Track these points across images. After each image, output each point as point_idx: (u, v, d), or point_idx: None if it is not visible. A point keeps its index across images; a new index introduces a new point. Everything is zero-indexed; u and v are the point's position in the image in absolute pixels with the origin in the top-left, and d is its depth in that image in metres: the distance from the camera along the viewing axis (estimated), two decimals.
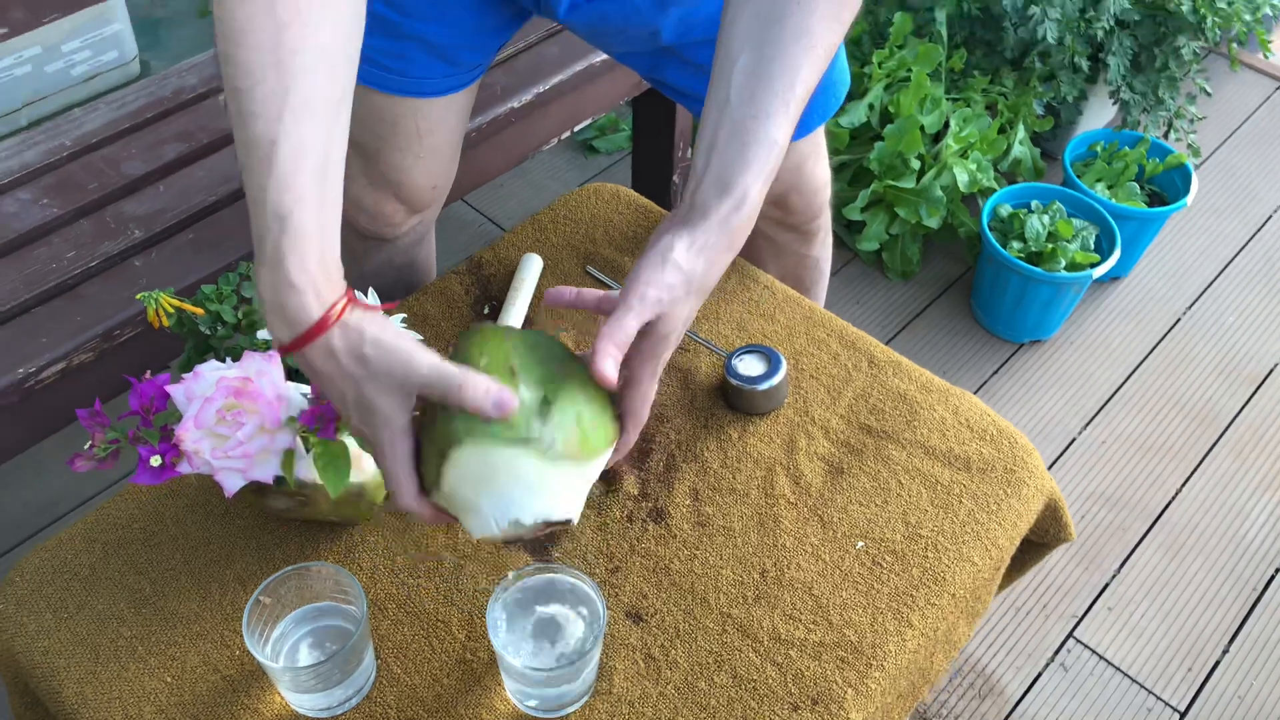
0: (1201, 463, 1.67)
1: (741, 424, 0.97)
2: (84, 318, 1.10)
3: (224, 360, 0.74)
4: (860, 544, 0.89)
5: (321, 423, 0.68)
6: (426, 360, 0.62)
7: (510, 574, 0.77)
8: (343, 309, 0.62)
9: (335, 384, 0.63)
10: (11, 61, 1.52)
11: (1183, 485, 1.64)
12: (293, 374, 0.76)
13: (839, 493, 0.92)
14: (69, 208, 1.21)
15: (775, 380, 0.95)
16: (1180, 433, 1.71)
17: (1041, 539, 1.02)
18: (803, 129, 1.06)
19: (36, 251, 1.16)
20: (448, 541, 0.88)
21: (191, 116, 1.34)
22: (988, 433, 0.97)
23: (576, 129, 1.55)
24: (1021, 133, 1.90)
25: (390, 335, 0.63)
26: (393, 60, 0.99)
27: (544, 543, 0.88)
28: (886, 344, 1.83)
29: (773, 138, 0.68)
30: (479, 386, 0.62)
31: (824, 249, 1.32)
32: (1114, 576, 1.53)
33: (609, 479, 0.93)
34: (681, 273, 0.67)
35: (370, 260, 1.19)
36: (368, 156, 1.06)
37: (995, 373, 1.79)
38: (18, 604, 0.85)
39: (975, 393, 1.75)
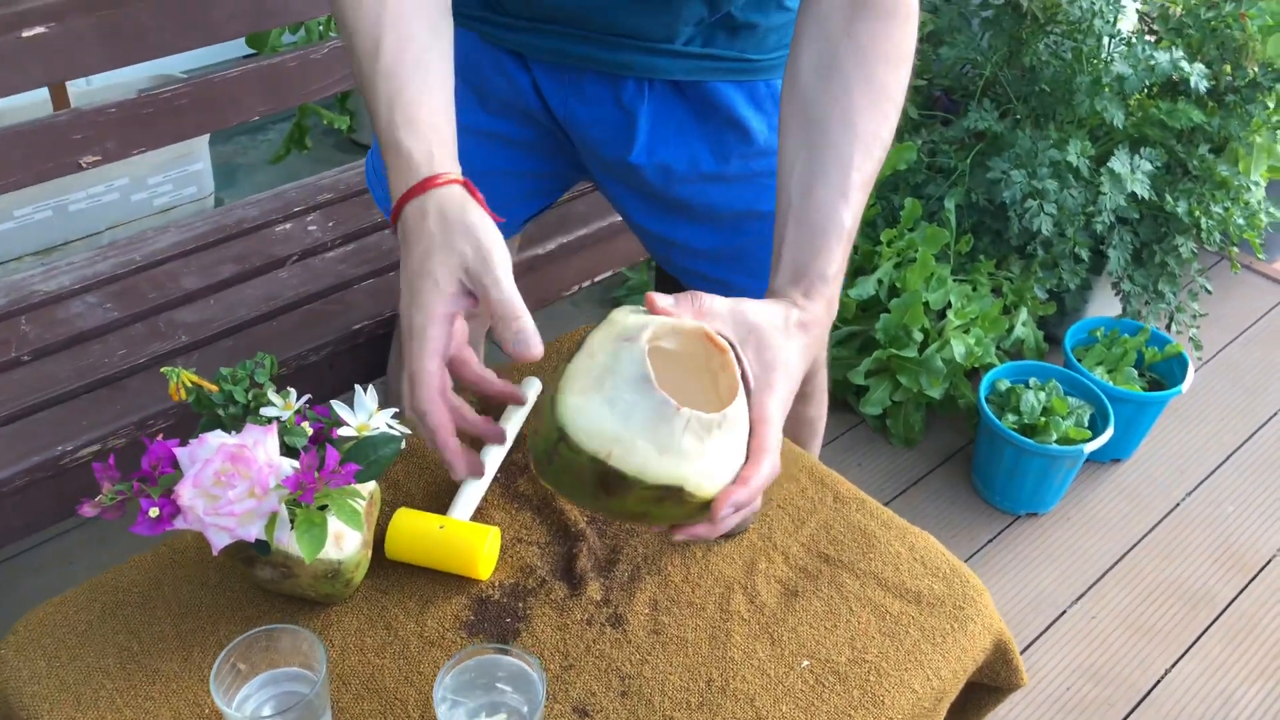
0: (1192, 646, 1.65)
1: (707, 544, 1.02)
2: (123, 407, 1.19)
3: (231, 434, 0.82)
4: (805, 662, 0.92)
5: (303, 489, 0.75)
6: (501, 258, 0.65)
7: (461, 650, 0.82)
8: (451, 179, 0.67)
9: (412, 250, 0.67)
10: (102, 189, 1.69)
11: (1171, 667, 1.62)
12: (286, 451, 0.83)
13: (791, 613, 0.96)
14: (127, 312, 1.33)
15: None
16: (1172, 615, 1.70)
17: (993, 682, 1.04)
18: None
19: (93, 347, 1.27)
20: (415, 628, 0.93)
21: (248, 243, 1.48)
22: (940, 570, 1.01)
23: (599, 278, 1.66)
24: (1024, 314, 1.98)
25: (485, 220, 0.66)
26: None
27: (505, 638, 0.93)
28: (886, 505, 1.86)
29: (840, 223, 0.72)
30: (517, 320, 0.64)
31: (819, 408, 1.38)
32: None
33: (574, 583, 0.97)
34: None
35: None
36: None
37: (990, 541, 1.81)
38: (17, 650, 0.91)
39: (968, 560, 1.77)
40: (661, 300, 0.66)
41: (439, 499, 1.04)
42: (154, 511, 0.75)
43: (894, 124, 0.76)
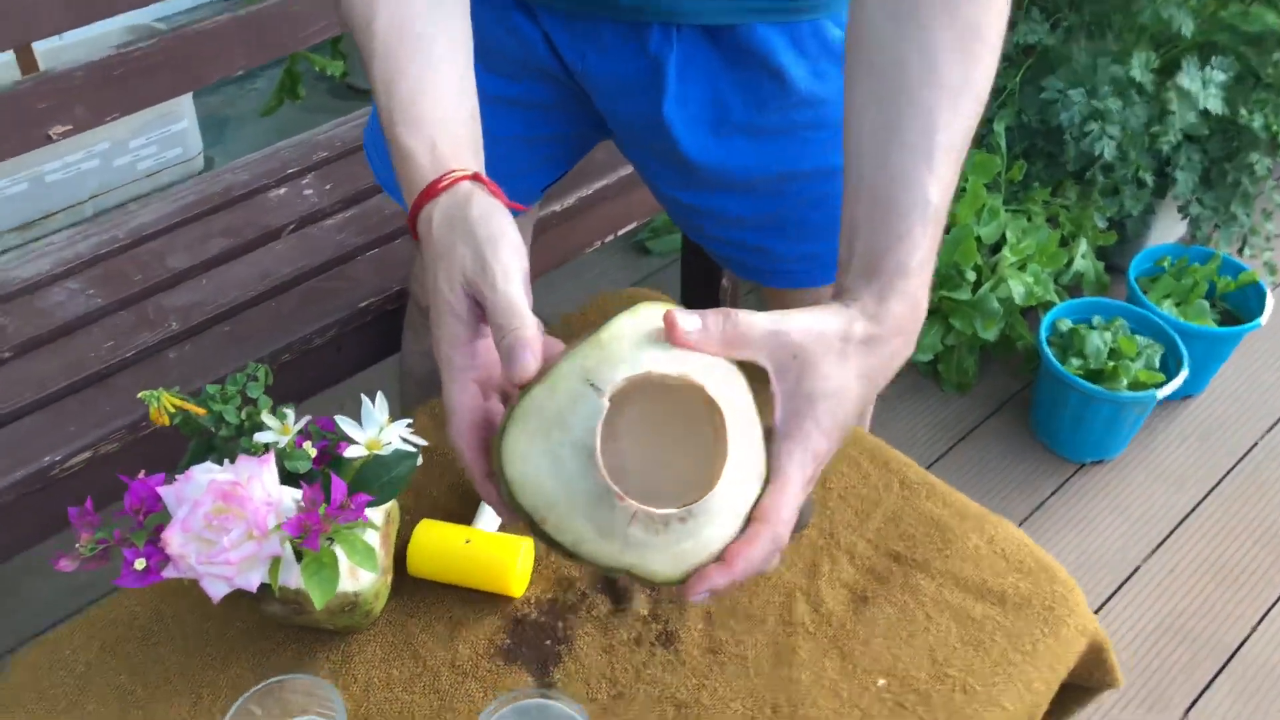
0: None
1: None
2: (113, 408, 1.12)
3: (223, 462, 0.74)
4: (881, 681, 0.84)
5: (306, 532, 0.67)
6: (501, 255, 0.55)
7: (500, 696, 0.74)
8: (457, 176, 0.59)
9: (426, 267, 0.59)
10: (81, 156, 1.60)
11: (1261, 619, 1.54)
12: (287, 477, 0.75)
13: (862, 623, 0.88)
14: (112, 299, 1.25)
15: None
16: (1258, 562, 1.61)
17: (1085, 683, 0.96)
18: None
19: (76, 341, 1.19)
20: (446, 656, 0.86)
21: (239, 213, 1.38)
22: (1025, 565, 0.92)
23: (624, 231, 1.56)
24: (1084, 246, 1.87)
25: (489, 212, 0.57)
26: None
27: (545, 663, 0.85)
28: (939, 459, 1.78)
29: (924, 197, 0.58)
30: (512, 331, 0.54)
31: None
32: (1184, 715, 1.43)
33: (618, 596, 0.90)
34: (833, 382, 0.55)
35: (422, 341, 1.19)
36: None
37: (1053, 494, 1.72)
38: (13, 695, 0.84)
39: (1031, 515, 1.69)
40: (684, 323, 0.54)
41: (465, 503, 0.96)
42: (140, 563, 0.67)
43: (990, 70, 0.62)
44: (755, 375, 0.58)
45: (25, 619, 1.54)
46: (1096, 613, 1.57)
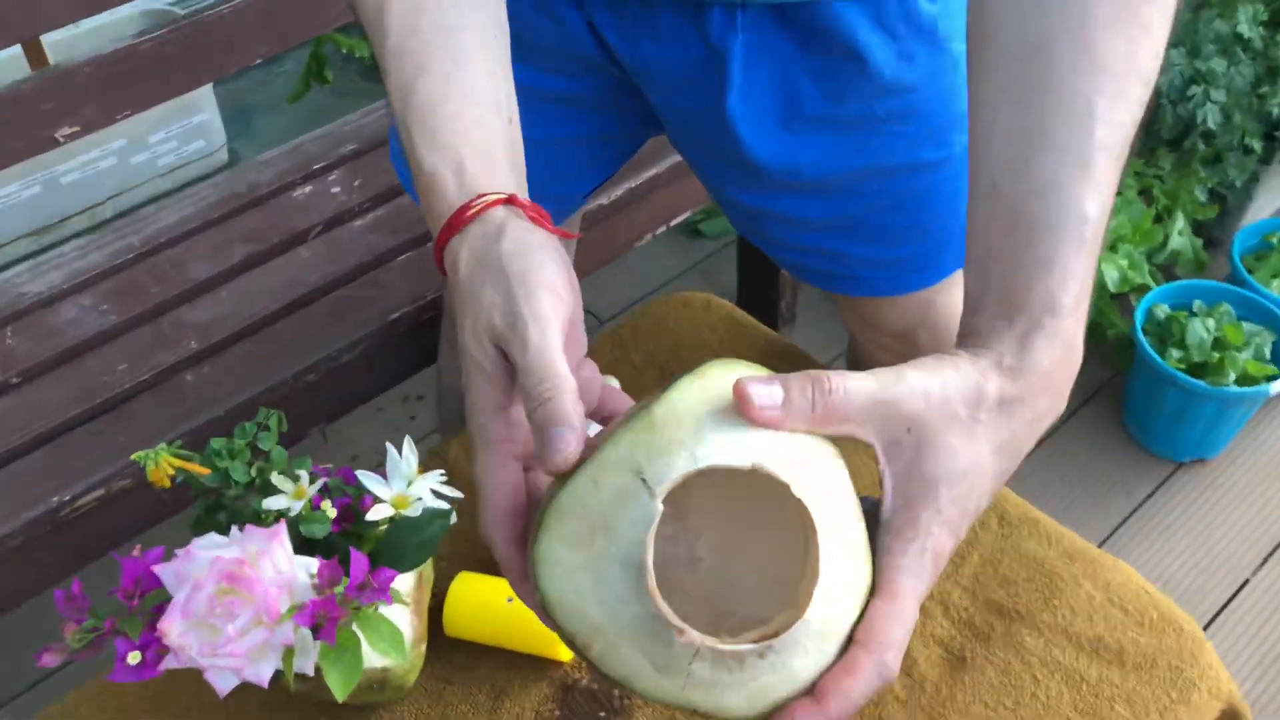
0: None
1: None
2: (126, 438, 1.05)
3: (231, 527, 0.66)
4: None
5: (322, 621, 0.59)
6: (537, 302, 0.46)
7: None
8: (487, 202, 0.49)
9: (457, 311, 0.50)
10: (97, 155, 1.54)
11: None
12: (303, 546, 0.67)
13: (960, 688, 0.78)
14: (127, 315, 1.18)
15: None
16: None
17: None
18: None
19: (88, 363, 1.13)
20: None
21: (262, 215, 1.31)
22: (1146, 616, 0.82)
23: (676, 222, 1.47)
24: (1181, 222, 1.73)
25: (524, 247, 0.47)
26: None
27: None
28: (1026, 457, 1.66)
29: (1078, 212, 0.47)
30: (545, 401, 0.44)
31: None
32: None
33: None
34: (959, 465, 0.45)
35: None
36: None
37: (1150, 497, 1.61)
38: None
39: (1126, 520, 1.58)
40: (761, 396, 0.43)
41: None
42: (134, 657, 0.60)
43: (1161, 43, 0.50)
44: (857, 447, 0.48)
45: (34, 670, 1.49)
46: (1205, 629, 1.46)
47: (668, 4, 0.74)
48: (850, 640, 0.43)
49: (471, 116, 0.54)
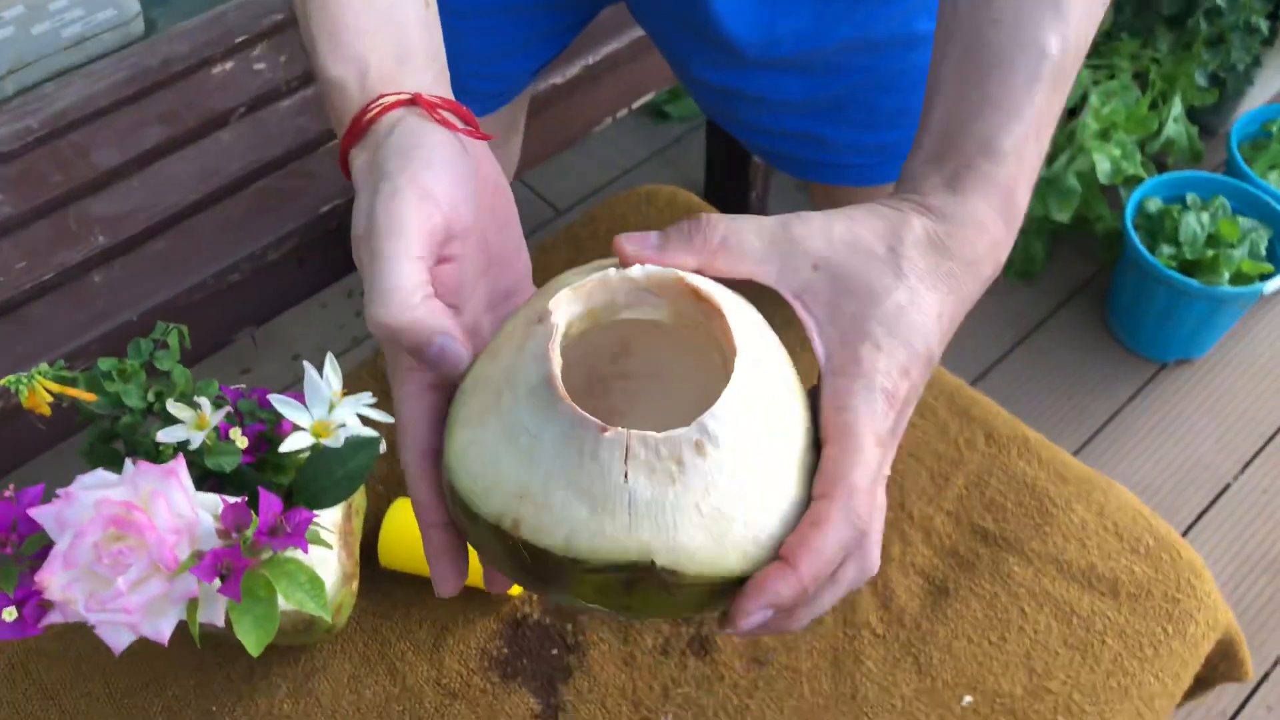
0: None
1: None
2: (26, 346, 0.97)
3: (126, 460, 0.59)
4: (967, 699, 0.71)
5: (226, 572, 0.52)
6: (407, 217, 0.40)
7: None
8: (392, 104, 0.43)
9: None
10: None
11: None
12: (205, 481, 0.60)
13: (941, 622, 0.74)
14: (26, 206, 1.08)
15: None
16: None
17: (1208, 675, 0.82)
18: None
19: None
20: (430, 672, 0.73)
21: (178, 94, 1.20)
22: (1142, 542, 0.78)
23: (639, 103, 1.37)
24: (1177, 108, 1.66)
25: (419, 146, 0.42)
26: None
27: (552, 679, 0.72)
28: (1002, 358, 1.62)
29: (1038, 45, 0.43)
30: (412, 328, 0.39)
31: None
32: (1275, 666, 1.32)
33: None
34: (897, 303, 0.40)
35: None
36: None
37: (1132, 399, 1.57)
38: None
39: (1108, 423, 1.54)
40: (630, 246, 0.41)
41: None
42: (10, 613, 0.53)
43: None
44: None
45: None
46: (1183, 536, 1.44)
47: None
48: (811, 495, 0.38)
49: (374, 18, 0.46)
